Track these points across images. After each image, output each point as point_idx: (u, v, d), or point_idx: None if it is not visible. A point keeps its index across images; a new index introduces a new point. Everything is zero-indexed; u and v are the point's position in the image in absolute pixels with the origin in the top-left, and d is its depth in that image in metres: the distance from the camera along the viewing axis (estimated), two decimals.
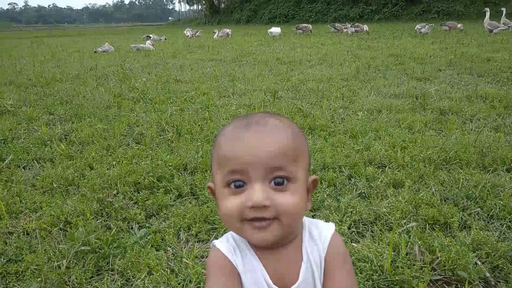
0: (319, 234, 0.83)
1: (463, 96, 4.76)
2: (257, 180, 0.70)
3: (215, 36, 17.79)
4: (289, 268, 0.78)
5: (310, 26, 18.36)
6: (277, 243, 0.75)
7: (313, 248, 0.81)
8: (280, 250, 0.78)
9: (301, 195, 0.73)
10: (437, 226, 2.05)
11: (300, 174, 0.73)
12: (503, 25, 13.07)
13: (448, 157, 2.84)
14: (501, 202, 2.20)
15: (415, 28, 14.97)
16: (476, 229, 1.96)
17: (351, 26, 16.92)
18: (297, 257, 0.79)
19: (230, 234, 0.82)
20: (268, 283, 0.76)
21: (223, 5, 48.68)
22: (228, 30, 18.35)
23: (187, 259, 1.83)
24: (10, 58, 11.42)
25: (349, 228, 2.07)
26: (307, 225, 0.84)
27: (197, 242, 2.04)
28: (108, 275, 1.78)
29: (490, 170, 2.66)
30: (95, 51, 12.60)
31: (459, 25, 14.67)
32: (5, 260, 1.89)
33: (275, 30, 15.90)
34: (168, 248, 1.97)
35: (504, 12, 13.70)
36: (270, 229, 0.71)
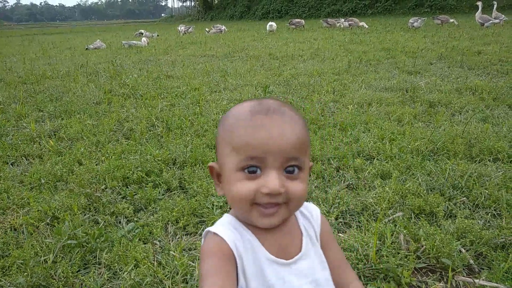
0: (310, 213, 0.90)
1: (453, 88, 4.79)
2: (274, 167, 0.74)
3: (207, 33, 17.76)
4: (288, 242, 0.83)
5: (303, 21, 18.33)
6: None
7: (307, 225, 0.88)
8: (277, 228, 0.81)
9: (307, 182, 0.79)
10: (423, 215, 2.07)
11: (307, 163, 0.79)
12: (494, 19, 13.12)
13: (435, 148, 2.86)
14: (487, 191, 2.22)
15: (408, 22, 14.99)
16: (461, 217, 1.98)
17: (345, 21, 16.90)
18: (296, 232, 0.85)
19: (223, 220, 0.84)
20: (269, 258, 0.79)
21: (216, 1, 48.47)
22: (222, 26, 18.32)
23: (174, 252, 1.84)
24: (0, 56, 11.32)
25: (336, 219, 2.09)
26: None
27: (185, 235, 2.05)
28: (95, 269, 1.78)
29: (477, 160, 2.68)
30: (86, 48, 12.51)
31: (451, 20, 14.70)
32: None
33: (273, 24, 16.24)
34: (156, 241, 1.97)
35: (495, 5, 13.75)
36: (278, 214, 0.76)
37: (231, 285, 0.73)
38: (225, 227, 0.81)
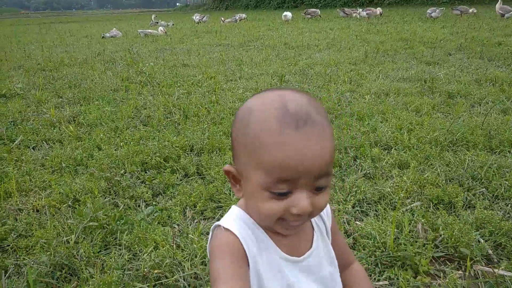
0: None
1: (472, 79, 4.70)
2: (304, 187, 0.69)
3: (222, 22, 17.73)
4: (300, 239, 0.81)
5: (318, 11, 18.11)
6: None
7: (318, 220, 0.87)
8: None
9: (330, 190, 0.76)
10: (441, 205, 2.06)
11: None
12: None
13: (454, 139, 2.83)
14: (507, 183, 2.20)
15: (426, 12, 14.71)
16: (480, 208, 1.96)
17: (363, 11, 16.64)
18: (307, 228, 0.84)
19: (233, 214, 0.79)
20: (284, 257, 0.77)
21: None
22: (243, 15, 18.29)
23: (192, 235, 1.87)
24: (19, 43, 11.48)
25: (353, 207, 2.09)
26: None
27: (203, 219, 2.08)
28: (115, 250, 1.82)
29: (496, 151, 2.65)
30: (103, 37, 12.60)
31: (471, 10, 14.37)
32: (15, 235, 1.94)
33: (289, 14, 16.07)
34: (174, 225, 2.01)
35: None
36: (300, 224, 0.75)
37: None
38: (237, 223, 0.76)
